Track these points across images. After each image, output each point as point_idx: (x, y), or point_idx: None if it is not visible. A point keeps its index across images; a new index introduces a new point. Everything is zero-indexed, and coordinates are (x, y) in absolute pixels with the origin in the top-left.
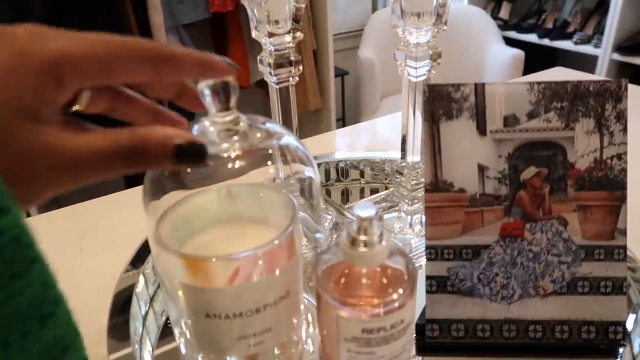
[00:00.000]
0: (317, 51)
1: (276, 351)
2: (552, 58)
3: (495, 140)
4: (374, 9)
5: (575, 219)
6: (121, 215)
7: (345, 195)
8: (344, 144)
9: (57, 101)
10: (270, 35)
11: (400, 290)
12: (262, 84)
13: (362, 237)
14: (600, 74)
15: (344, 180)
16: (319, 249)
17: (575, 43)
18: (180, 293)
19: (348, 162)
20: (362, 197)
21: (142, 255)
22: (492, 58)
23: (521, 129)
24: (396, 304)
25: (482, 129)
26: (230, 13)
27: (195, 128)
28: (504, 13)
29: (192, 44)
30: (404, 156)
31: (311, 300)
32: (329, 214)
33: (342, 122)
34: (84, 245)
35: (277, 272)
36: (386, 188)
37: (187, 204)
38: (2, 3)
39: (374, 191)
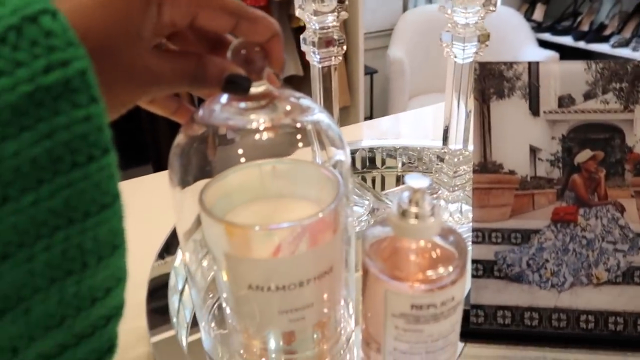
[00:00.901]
0: (348, 49)
1: (314, 335)
2: None
3: (548, 121)
4: (405, 8)
5: (633, 205)
6: (152, 198)
7: (381, 183)
8: (373, 134)
9: (154, 27)
10: (315, 13)
11: (451, 267)
12: (290, 80)
13: (414, 209)
14: None
15: (380, 168)
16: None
17: (613, 46)
18: (223, 264)
19: (384, 149)
20: (397, 185)
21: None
22: (525, 60)
23: (577, 110)
24: (448, 280)
25: (535, 109)
26: (263, 8)
27: (223, 99)
28: (537, 15)
29: None
30: (445, 142)
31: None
32: (367, 200)
33: (370, 120)
34: None
35: (321, 246)
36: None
37: (227, 179)
38: None
39: None
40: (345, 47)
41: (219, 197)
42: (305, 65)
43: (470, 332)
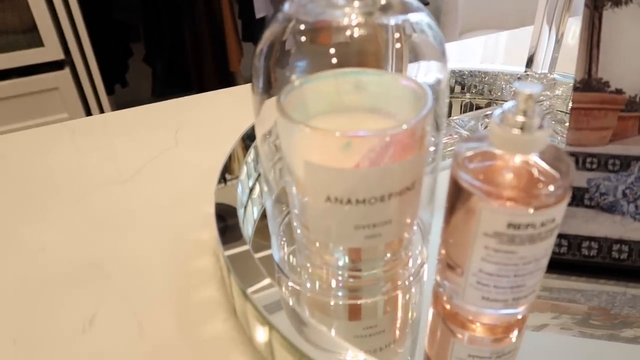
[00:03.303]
0: None
1: (386, 255)
2: None
3: None
4: None
5: None
6: (214, 113)
7: (449, 109)
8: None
9: None
10: None
11: (554, 187)
12: None
13: (521, 119)
14: None
15: (464, 93)
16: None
17: None
18: (300, 174)
19: (455, 74)
20: (464, 112)
21: (243, 148)
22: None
23: None
24: (549, 200)
25: None
26: None
27: None
28: None
29: None
30: (530, 64)
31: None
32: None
33: None
34: (178, 138)
35: (405, 161)
36: (489, 105)
37: (309, 85)
38: None
39: (478, 107)
40: None
41: (296, 104)
42: None
43: (551, 262)
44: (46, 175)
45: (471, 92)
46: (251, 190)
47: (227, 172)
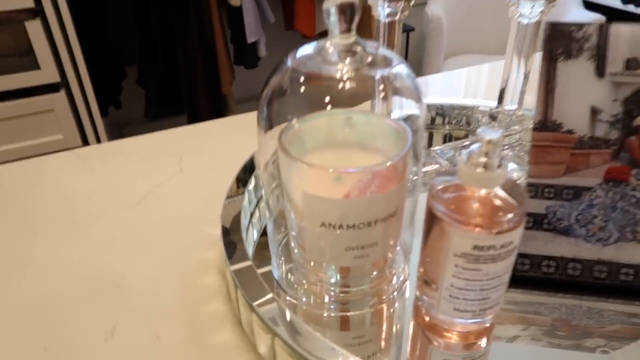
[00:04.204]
0: None
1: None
2: None
3: (613, 83)
4: None
5: None
6: (214, 142)
7: (429, 140)
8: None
9: None
10: None
11: (511, 215)
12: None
13: (483, 160)
14: None
15: (429, 125)
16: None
17: None
18: (298, 202)
19: (432, 107)
20: (444, 142)
21: (244, 176)
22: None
23: None
24: (508, 226)
25: (600, 71)
26: None
27: (314, 47)
28: None
29: None
30: (501, 102)
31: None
32: (444, 155)
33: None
34: (183, 165)
35: (388, 192)
36: (466, 136)
37: (306, 123)
38: None
39: (457, 138)
40: (412, 1)
41: (295, 140)
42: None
43: (515, 279)
44: (62, 200)
45: (451, 124)
46: (252, 214)
47: (231, 197)
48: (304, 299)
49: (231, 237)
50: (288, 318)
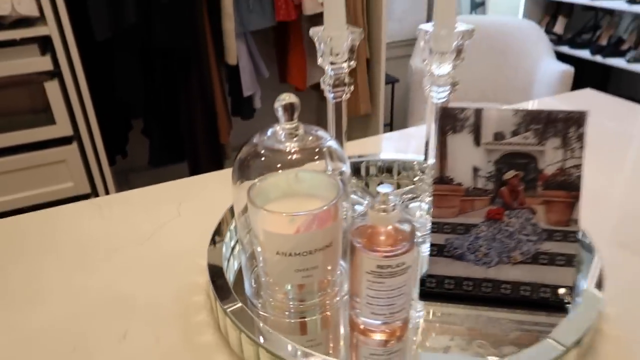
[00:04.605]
0: (370, 59)
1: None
2: (605, 76)
3: (486, 150)
4: (429, 19)
5: (542, 209)
6: (207, 191)
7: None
8: (389, 147)
9: None
10: (332, 63)
11: (404, 243)
12: (317, 87)
13: (382, 206)
14: None
15: (380, 175)
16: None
17: (628, 61)
18: (261, 238)
19: (384, 162)
20: (394, 190)
21: (227, 219)
22: (542, 73)
23: (506, 142)
24: (400, 251)
25: (477, 141)
26: (294, 22)
27: (270, 131)
28: (558, 28)
29: (257, 48)
30: (426, 159)
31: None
32: (367, 200)
33: (390, 127)
34: (181, 210)
35: (325, 229)
36: (413, 183)
37: (267, 181)
38: (101, 10)
39: (403, 185)
40: (352, 88)
41: (260, 193)
42: None
43: (426, 294)
44: (83, 238)
45: (399, 174)
46: (233, 248)
47: (217, 235)
48: (270, 312)
49: (215, 268)
50: (254, 320)
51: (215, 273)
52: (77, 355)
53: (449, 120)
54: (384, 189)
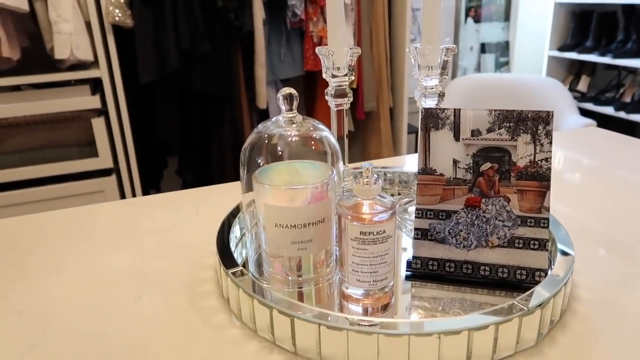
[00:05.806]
0: (394, 109)
1: (313, 271)
2: (630, 132)
3: (465, 145)
4: (454, 76)
5: (515, 198)
6: (224, 197)
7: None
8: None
9: None
10: (334, 76)
11: (385, 214)
12: None
13: (366, 180)
14: None
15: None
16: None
17: None
18: (263, 211)
19: (394, 173)
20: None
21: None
22: (565, 127)
23: (482, 138)
24: (380, 219)
25: (457, 137)
26: (320, 72)
27: (273, 120)
28: (582, 86)
29: None
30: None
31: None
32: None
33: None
34: (199, 211)
35: (318, 204)
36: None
37: (271, 167)
38: (147, 56)
39: (403, 194)
40: (351, 97)
41: (264, 178)
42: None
43: (412, 275)
44: (113, 229)
45: (401, 183)
46: (241, 237)
47: (227, 227)
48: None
49: (224, 251)
50: (252, 281)
51: (223, 246)
52: (97, 311)
53: (431, 119)
54: (366, 165)
